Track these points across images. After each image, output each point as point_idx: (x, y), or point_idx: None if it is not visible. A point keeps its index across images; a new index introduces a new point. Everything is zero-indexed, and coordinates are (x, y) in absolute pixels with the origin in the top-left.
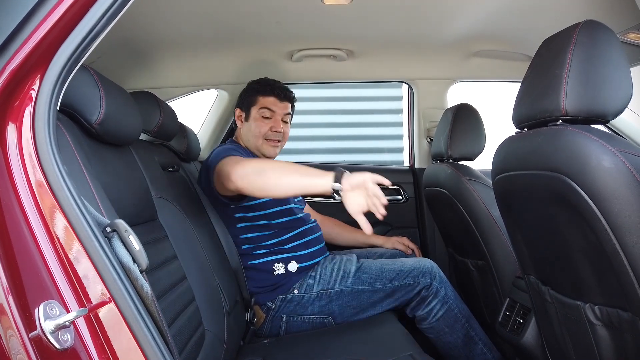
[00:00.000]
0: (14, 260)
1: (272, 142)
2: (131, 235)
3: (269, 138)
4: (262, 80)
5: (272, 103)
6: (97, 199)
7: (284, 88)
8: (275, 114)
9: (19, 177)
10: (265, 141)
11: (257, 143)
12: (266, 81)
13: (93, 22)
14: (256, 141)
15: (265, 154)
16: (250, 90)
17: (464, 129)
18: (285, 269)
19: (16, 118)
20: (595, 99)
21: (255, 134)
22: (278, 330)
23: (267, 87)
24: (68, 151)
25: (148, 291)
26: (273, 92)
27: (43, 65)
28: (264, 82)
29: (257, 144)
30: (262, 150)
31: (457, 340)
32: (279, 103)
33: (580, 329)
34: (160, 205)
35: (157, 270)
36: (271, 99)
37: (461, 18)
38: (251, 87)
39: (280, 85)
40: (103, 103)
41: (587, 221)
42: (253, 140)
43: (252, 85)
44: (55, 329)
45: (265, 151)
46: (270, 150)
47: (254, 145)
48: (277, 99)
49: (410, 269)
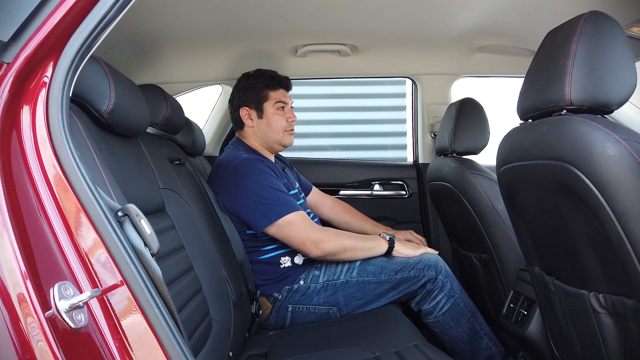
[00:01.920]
0: (28, 241)
1: (291, 132)
2: (142, 220)
3: (287, 129)
4: (264, 74)
5: (283, 95)
6: (108, 185)
7: (286, 77)
8: (287, 105)
9: (32, 159)
10: (286, 132)
11: (278, 137)
12: (269, 74)
13: (104, 11)
14: (277, 135)
15: (286, 144)
16: (256, 87)
17: (468, 123)
18: (291, 261)
19: (30, 102)
20: (599, 88)
21: (276, 129)
22: (284, 321)
23: (273, 80)
24: (80, 138)
25: (159, 274)
26: (280, 84)
27: (56, 52)
28: (267, 74)
29: (278, 138)
30: (282, 142)
31: (462, 335)
32: (287, 93)
33: (584, 317)
34: (168, 196)
35: (165, 259)
36: (281, 91)
37: (465, 13)
38: (254, 82)
39: (282, 76)
40: (112, 93)
41: (591, 209)
42: (273, 135)
43: (256, 80)
44: (70, 309)
45: (286, 142)
46: (290, 140)
47: (275, 140)
48: (285, 90)
49: (416, 261)
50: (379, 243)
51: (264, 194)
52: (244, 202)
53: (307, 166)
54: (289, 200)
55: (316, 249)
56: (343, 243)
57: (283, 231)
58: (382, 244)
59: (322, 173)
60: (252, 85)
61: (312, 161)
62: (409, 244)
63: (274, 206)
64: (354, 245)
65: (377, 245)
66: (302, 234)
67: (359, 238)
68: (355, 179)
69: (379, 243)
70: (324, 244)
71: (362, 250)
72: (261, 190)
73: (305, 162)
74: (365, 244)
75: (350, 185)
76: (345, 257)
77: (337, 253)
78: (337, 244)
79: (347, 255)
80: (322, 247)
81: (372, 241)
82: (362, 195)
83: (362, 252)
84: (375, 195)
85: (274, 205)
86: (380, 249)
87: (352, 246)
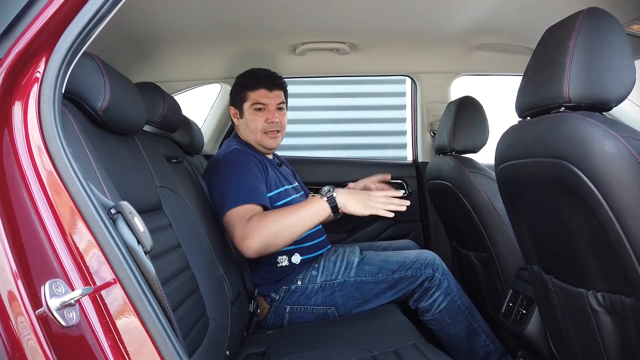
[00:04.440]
0: (19, 238)
1: (272, 134)
2: (135, 217)
3: (267, 130)
4: (248, 74)
5: (262, 96)
6: (102, 183)
7: (272, 76)
8: (267, 106)
9: (24, 155)
10: (264, 134)
11: (257, 138)
12: (252, 73)
13: (97, 6)
14: (255, 136)
15: (267, 146)
16: (238, 87)
17: (467, 121)
18: (289, 261)
19: (22, 98)
20: (598, 85)
21: (253, 129)
22: (282, 321)
23: (253, 80)
24: (73, 135)
25: (153, 272)
26: (261, 84)
27: (48, 48)
28: (250, 75)
29: (257, 139)
30: (263, 144)
31: (459, 332)
32: (270, 93)
33: (583, 316)
34: (164, 194)
35: (161, 257)
36: (261, 92)
37: (464, 11)
38: (239, 82)
39: (267, 74)
40: (107, 90)
41: (590, 207)
42: (252, 136)
43: (239, 80)
44: (61, 307)
45: (266, 144)
46: (270, 142)
47: (254, 141)
48: (266, 90)
49: (413, 261)
50: (316, 205)
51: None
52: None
53: (306, 165)
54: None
55: (244, 248)
56: (269, 227)
57: (225, 224)
58: (320, 205)
59: (321, 172)
60: (238, 84)
61: (312, 160)
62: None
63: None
64: (284, 223)
65: (314, 210)
66: (231, 233)
67: (288, 210)
68: (355, 177)
69: (315, 205)
70: (248, 240)
71: (297, 223)
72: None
73: (304, 161)
74: (297, 214)
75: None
76: (283, 241)
77: (269, 243)
78: (261, 233)
79: (283, 239)
80: (248, 245)
81: (306, 206)
82: None
83: (299, 224)
84: None
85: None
86: (320, 211)
87: (281, 225)
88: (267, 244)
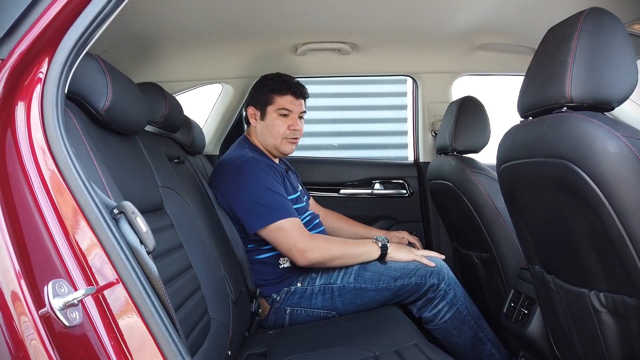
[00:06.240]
0: (22, 239)
1: (291, 140)
2: (138, 217)
3: (288, 137)
4: (277, 77)
5: (289, 102)
6: (104, 183)
7: (299, 84)
8: (292, 113)
9: (27, 155)
10: (284, 140)
11: (276, 143)
12: (281, 78)
13: (100, 7)
14: (274, 141)
15: (284, 151)
16: (264, 88)
17: (468, 121)
18: (290, 262)
19: (25, 98)
20: (600, 85)
21: (274, 134)
22: (282, 322)
23: (283, 85)
24: (76, 135)
25: (155, 272)
26: (290, 90)
27: (51, 48)
28: (279, 79)
29: (276, 144)
30: (280, 149)
31: (465, 342)
32: (296, 101)
33: (585, 316)
34: (166, 194)
35: (163, 258)
36: (288, 98)
37: (465, 11)
38: (265, 84)
39: (295, 82)
40: (110, 90)
41: (592, 207)
42: (271, 140)
43: (266, 82)
44: (64, 307)
45: (284, 149)
46: (288, 148)
47: (272, 145)
48: (294, 97)
49: (417, 267)
50: (371, 248)
51: (262, 195)
52: (241, 201)
53: (307, 165)
54: (286, 205)
55: (303, 258)
56: (331, 252)
57: (273, 235)
58: (374, 249)
59: (323, 172)
60: (264, 85)
61: (313, 160)
62: (404, 247)
63: (269, 209)
64: (343, 253)
65: (369, 251)
66: (290, 242)
67: (350, 244)
68: (356, 177)
69: (370, 248)
70: (310, 253)
71: (353, 257)
72: (260, 192)
73: (306, 161)
74: (355, 250)
75: (350, 184)
76: (334, 265)
77: (324, 262)
78: (324, 253)
79: (336, 264)
80: (308, 257)
81: (364, 246)
82: (362, 194)
83: (353, 259)
84: (375, 194)
85: (269, 208)
86: (372, 254)
87: (341, 254)
88: (323, 262)
